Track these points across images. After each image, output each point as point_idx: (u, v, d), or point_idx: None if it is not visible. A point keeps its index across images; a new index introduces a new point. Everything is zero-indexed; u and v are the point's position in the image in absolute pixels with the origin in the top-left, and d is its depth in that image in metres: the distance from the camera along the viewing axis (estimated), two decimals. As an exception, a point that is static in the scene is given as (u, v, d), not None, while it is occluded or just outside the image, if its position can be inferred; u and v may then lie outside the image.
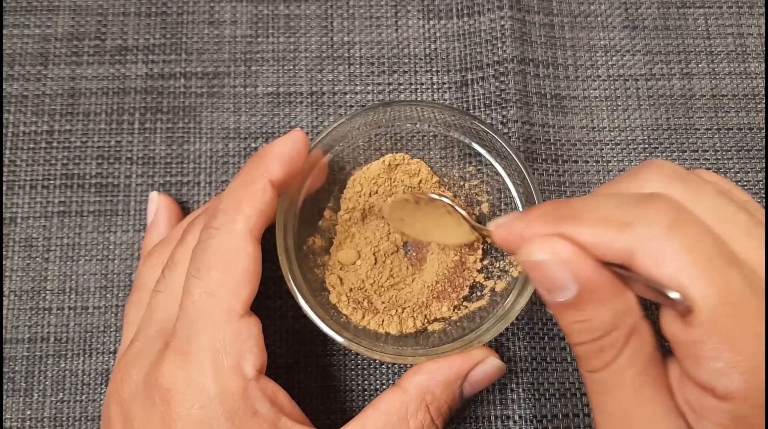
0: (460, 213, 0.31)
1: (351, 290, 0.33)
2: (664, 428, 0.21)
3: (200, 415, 0.25)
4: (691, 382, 0.21)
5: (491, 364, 0.29)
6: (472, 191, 0.35)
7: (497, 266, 0.33)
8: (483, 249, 0.34)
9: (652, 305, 0.26)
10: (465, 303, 0.33)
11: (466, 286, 0.34)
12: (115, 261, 0.36)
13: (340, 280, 0.33)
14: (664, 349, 0.23)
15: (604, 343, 0.22)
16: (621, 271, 0.21)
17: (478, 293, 0.33)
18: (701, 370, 0.20)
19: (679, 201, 0.21)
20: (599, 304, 0.21)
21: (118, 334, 0.35)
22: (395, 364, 0.35)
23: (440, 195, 0.32)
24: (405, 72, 0.39)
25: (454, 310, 0.33)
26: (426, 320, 0.32)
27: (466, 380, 0.29)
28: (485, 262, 0.34)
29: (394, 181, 0.35)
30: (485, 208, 0.34)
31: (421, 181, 0.35)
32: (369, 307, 0.33)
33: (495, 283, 0.33)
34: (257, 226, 0.27)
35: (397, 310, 0.33)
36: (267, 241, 0.29)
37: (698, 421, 0.21)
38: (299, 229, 0.31)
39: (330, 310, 0.31)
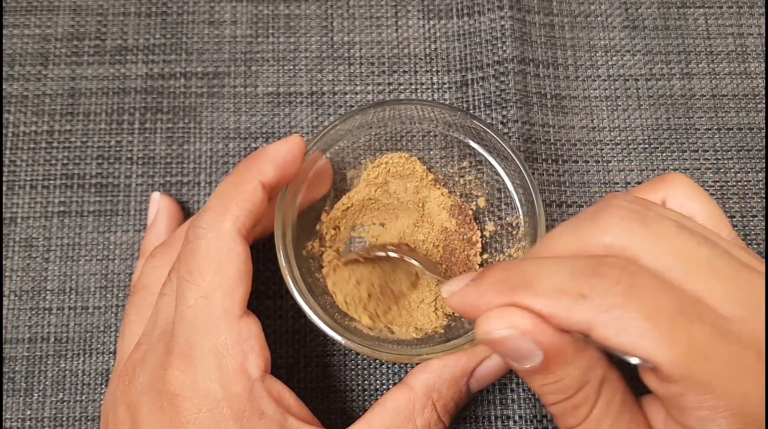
0: (410, 261, 0.31)
1: (354, 294, 0.33)
2: None
3: (208, 419, 0.25)
4: (680, 426, 0.21)
5: (497, 360, 0.29)
6: (468, 186, 0.35)
7: (498, 259, 0.33)
8: (482, 243, 0.34)
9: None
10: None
11: None
12: (115, 261, 0.36)
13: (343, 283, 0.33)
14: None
15: (578, 400, 0.22)
16: (580, 338, 0.21)
17: None
18: (688, 419, 0.20)
19: (630, 262, 0.21)
20: (566, 365, 0.21)
21: (118, 334, 0.35)
22: (396, 363, 0.35)
23: (386, 250, 0.31)
24: (405, 72, 0.39)
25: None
26: (434, 318, 0.32)
27: (472, 376, 0.29)
28: (485, 257, 0.34)
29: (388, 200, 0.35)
30: (482, 202, 0.34)
31: (417, 179, 0.35)
32: (373, 308, 0.33)
33: None
34: (245, 225, 0.27)
35: (401, 312, 0.33)
36: (267, 241, 0.29)
37: None
38: (299, 232, 0.31)
39: (333, 312, 0.31)
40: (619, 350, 0.20)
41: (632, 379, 0.23)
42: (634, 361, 0.20)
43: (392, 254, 0.31)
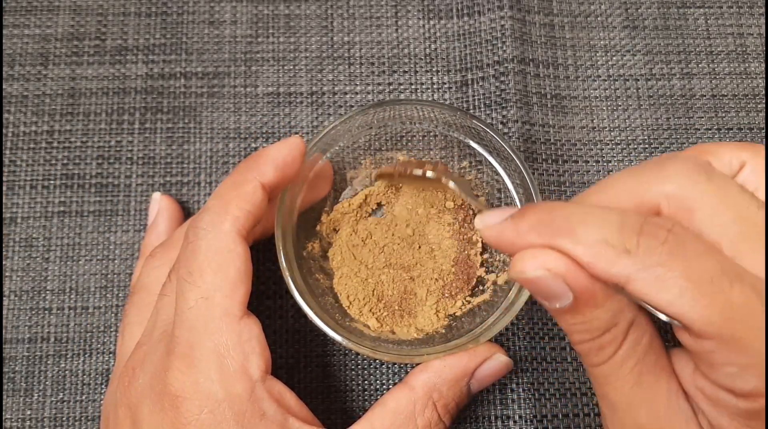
0: (449, 184, 0.30)
1: (357, 294, 0.33)
2: (666, 413, 0.22)
3: (209, 420, 0.25)
4: (707, 378, 0.21)
5: (498, 361, 0.29)
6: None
7: (498, 259, 0.34)
8: (482, 242, 0.34)
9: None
10: (468, 298, 0.33)
11: (474, 279, 0.34)
12: (115, 261, 0.36)
13: (346, 283, 0.33)
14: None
15: (604, 341, 0.22)
16: (613, 288, 0.21)
17: (481, 287, 0.33)
18: (716, 374, 0.20)
19: (678, 223, 0.21)
20: (596, 308, 0.22)
21: (117, 335, 0.35)
22: (396, 363, 0.35)
23: (424, 171, 0.31)
24: (405, 72, 0.39)
25: (460, 307, 0.33)
26: (437, 318, 0.32)
27: (473, 377, 0.29)
28: (485, 256, 0.34)
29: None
30: (481, 202, 0.34)
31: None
32: (377, 309, 0.33)
33: (497, 276, 0.33)
34: (245, 226, 0.27)
35: (404, 312, 0.33)
36: (267, 241, 0.29)
37: (713, 407, 0.21)
38: (299, 233, 0.31)
39: (333, 312, 0.31)
40: (654, 306, 0.20)
41: (663, 330, 0.23)
42: (664, 318, 0.20)
43: (429, 174, 0.30)
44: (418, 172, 0.31)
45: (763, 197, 0.23)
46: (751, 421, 0.20)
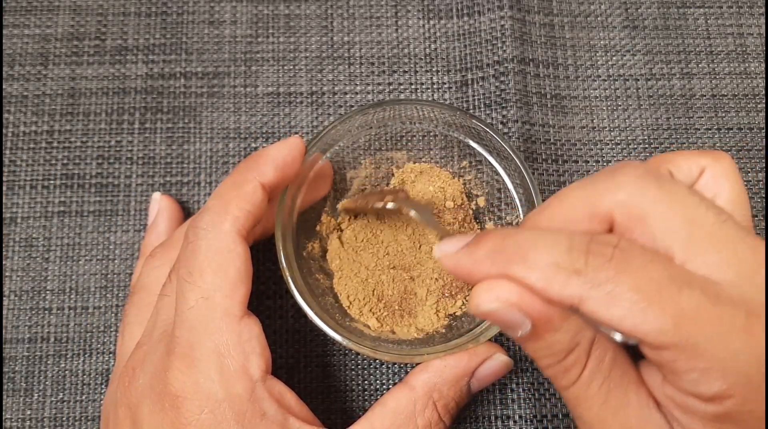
0: (409, 212, 0.30)
1: (357, 295, 0.33)
2: (638, 425, 0.22)
3: (210, 420, 0.25)
4: (674, 387, 0.21)
5: (498, 360, 0.29)
6: (468, 186, 0.35)
7: None
8: None
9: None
10: (468, 298, 0.33)
11: None
12: (115, 261, 0.36)
13: (348, 283, 0.33)
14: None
15: (568, 363, 0.23)
16: (568, 310, 0.22)
17: None
18: (680, 381, 0.20)
19: (623, 238, 0.21)
20: (555, 332, 0.22)
21: (117, 335, 0.35)
22: (397, 363, 0.35)
23: (385, 200, 0.31)
24: (405, 72, 0.39)
25: (460, 307, 0.33)
26: (437, 317, 0.32)
27: (473, 377, 0.29)
28: None
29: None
30: (482, 202, 0.34)
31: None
32: (377, 309, 0.33)
33: None
34: (245, 226, 0.27)
35: (404, 312, 0.33)
36: (268, 241, 0.29)
37: (686, 416, 0.21)
38: (299, 233, 0.31)
39: (333, 312, 0.31)
40: (606, 324, 0.20)
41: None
42: (617, 337, 0.20)
43: (390, 206, 0.30)
44: (379, 205, 0.31)
45: (722, 203, 0.23)
46: (721, 424, 0.20)
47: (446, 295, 0.33)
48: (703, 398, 0.20)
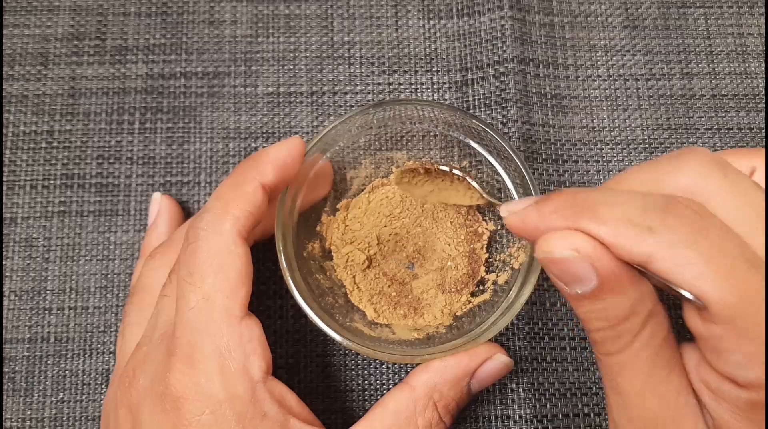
0: (471, 183, 0.31)
1: (362, 285, 0.33)
2: (675, 406, 0.22)
3: (210, 421, 0.25)
4: (711, 368, 0.21)
5: (499, 361, 0.29)
6: None
7: (498, 258, 0.34)
8: (487, 236, 0.34)
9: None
10: (469, 297, 0.33)
11: (479, 273, 0.34)
12: (115, 261, 0.36)
13: (354, 282, 0.33)
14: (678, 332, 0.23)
15: (621, 329, 0.22)
16: (638, 275, 0.21)
17: (481, 287, 0.33)
18: (722, 362, 0.20)
19: (702, 206, 0.21)
20: (618, 294, 0.22)
21: (117, 335, 0.35)
22: (397, 363, 0.35)
23: (451, 167, 0.32)
24: (405, 72, 0.39)
25: (464, 303, 0.33)
26: (441, 313, 0.33)
27: (473, 377, 0.29)
28: (485, 256, 0.34)
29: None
30: (481, 201, 0.34)
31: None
32: (383, 308, 0.33)
33: (497, 276, 0.33)
34: (245, 226, 0.27)
35: (410, 307, 0.33)
36: (268, 241, 0.29)
37: (716, 401, 0.21)
38: (299, 233, 0.31)
39: (333, 313, 0.31)
40: (675, 284, 0.20)
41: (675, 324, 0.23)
42: (687, 294, 0.20)
43: (457, 172, 0.32)
44: (445, 168, 0.32)
45: None
46: (752, 414, 0.20)
47: (452, 290, 0.33)
48: (740, 383, 0.20)
